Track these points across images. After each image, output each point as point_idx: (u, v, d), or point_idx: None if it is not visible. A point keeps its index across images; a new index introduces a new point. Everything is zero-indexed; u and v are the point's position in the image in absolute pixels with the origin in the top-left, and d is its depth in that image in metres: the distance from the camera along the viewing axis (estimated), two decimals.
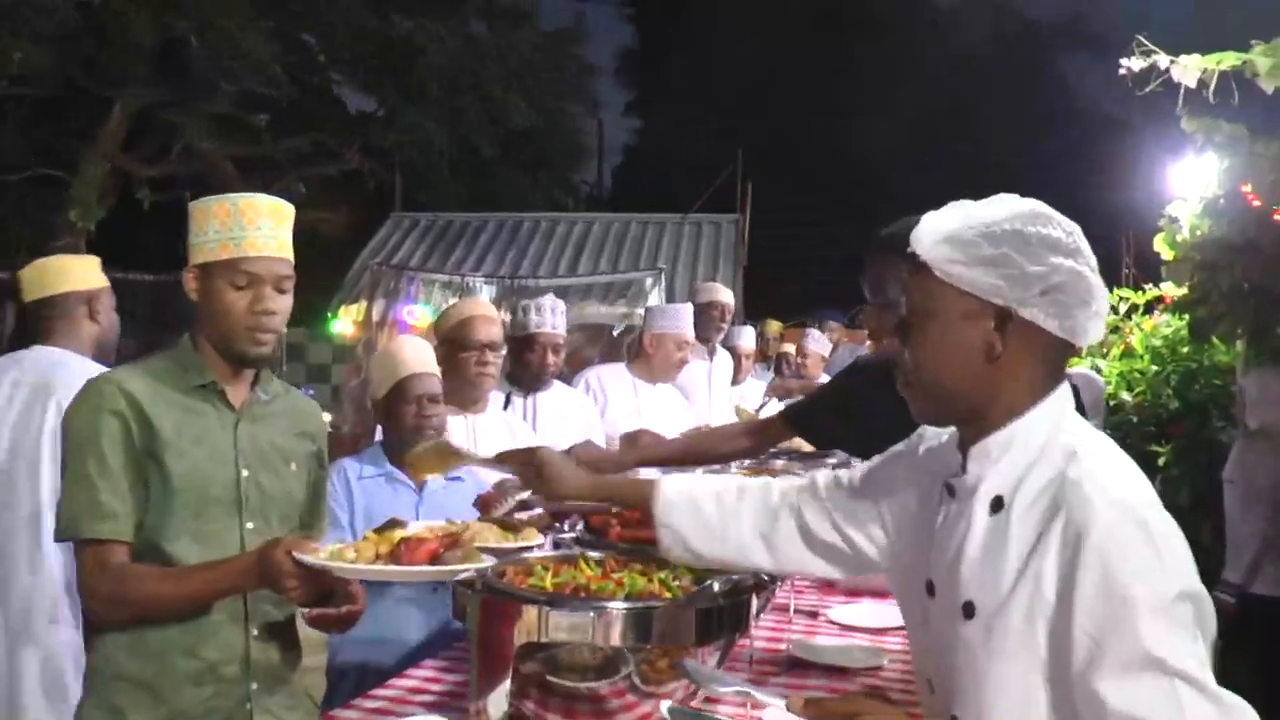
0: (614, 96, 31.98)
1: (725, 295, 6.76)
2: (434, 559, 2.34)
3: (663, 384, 5.60)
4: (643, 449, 4.06)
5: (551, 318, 4.72)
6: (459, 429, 4.08)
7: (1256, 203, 5.10)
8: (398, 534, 2.41)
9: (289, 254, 2.59)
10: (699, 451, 4.08)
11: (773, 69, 27.80)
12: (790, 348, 8.99)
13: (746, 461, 5.21)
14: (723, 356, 6.85)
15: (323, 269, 16.34)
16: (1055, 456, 1.70)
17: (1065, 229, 1.75)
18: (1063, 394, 1.79)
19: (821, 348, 8.41)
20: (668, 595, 2.35)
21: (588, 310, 13.78)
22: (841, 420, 3.37)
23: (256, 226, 2.51)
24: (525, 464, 2.60)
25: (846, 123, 25.88)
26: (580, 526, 3.19)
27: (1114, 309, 7.61)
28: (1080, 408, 1.91)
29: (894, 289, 2.81)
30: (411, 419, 3.56)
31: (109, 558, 2.44)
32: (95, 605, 2.51)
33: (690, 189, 17.36)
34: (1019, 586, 1.65)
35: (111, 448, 2.45)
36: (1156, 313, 7.29)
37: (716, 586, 2.35)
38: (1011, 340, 1.72)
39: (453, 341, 4.18)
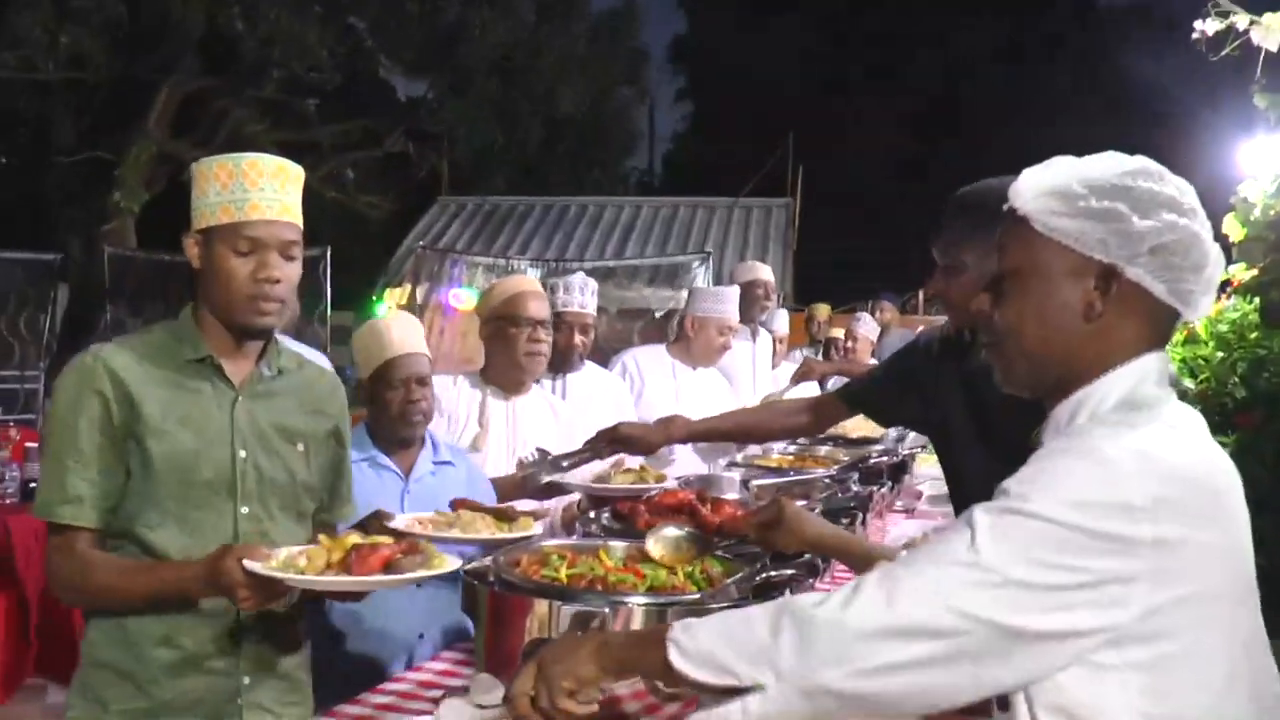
0: (666, 83, 31.64)
1: (766, 274, 6.55)
2: (388, 566, 2.16)
3: (703, 368, 5.37)
4: (695, 423, 3.76)
5: (580, 296, 4.47)
6: (499, 414, 3.88)
7: None
8: (350, 539, 2.22)
9: (296, 218, 2.42)
10: (753, 426, 3.88)
11: (825, 54, 27.49)
12: (839, 332, 8.80)
13: (791, 446, 5.06)
14: (765, 338, 6.67)
15: (369, 253, 16.37)
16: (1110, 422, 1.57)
17: (1178, 186, 1.63)
18: (1152, 362, 1.63)
19: (870, 332, 8.23)
20: (692, 589, 2.17)
21: (630, 294, 13.63)
22: (902, 395, 3.13)
23: (260, 188, 2.34)
24: (767, 515, 2.36)
25: (900, 107, 25.52)
26: (606, 514, 3.02)
27: None
28: None
29: (967, 253, 2.66)
30: (398, 404, 3.28)
31: (73, 543, 2.32)
32: (56, 589, 2.45)
33: (741, 174, 17.10)
34: None
35: (88, 428, 2.32)
36: (1223, 296, 6.96)
37: (740, 579, 2.17)
38: (1113, 301, 1.60)
39: (501, 318, 3.89)
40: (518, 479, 3.62)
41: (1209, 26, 4.82)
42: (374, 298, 15.00)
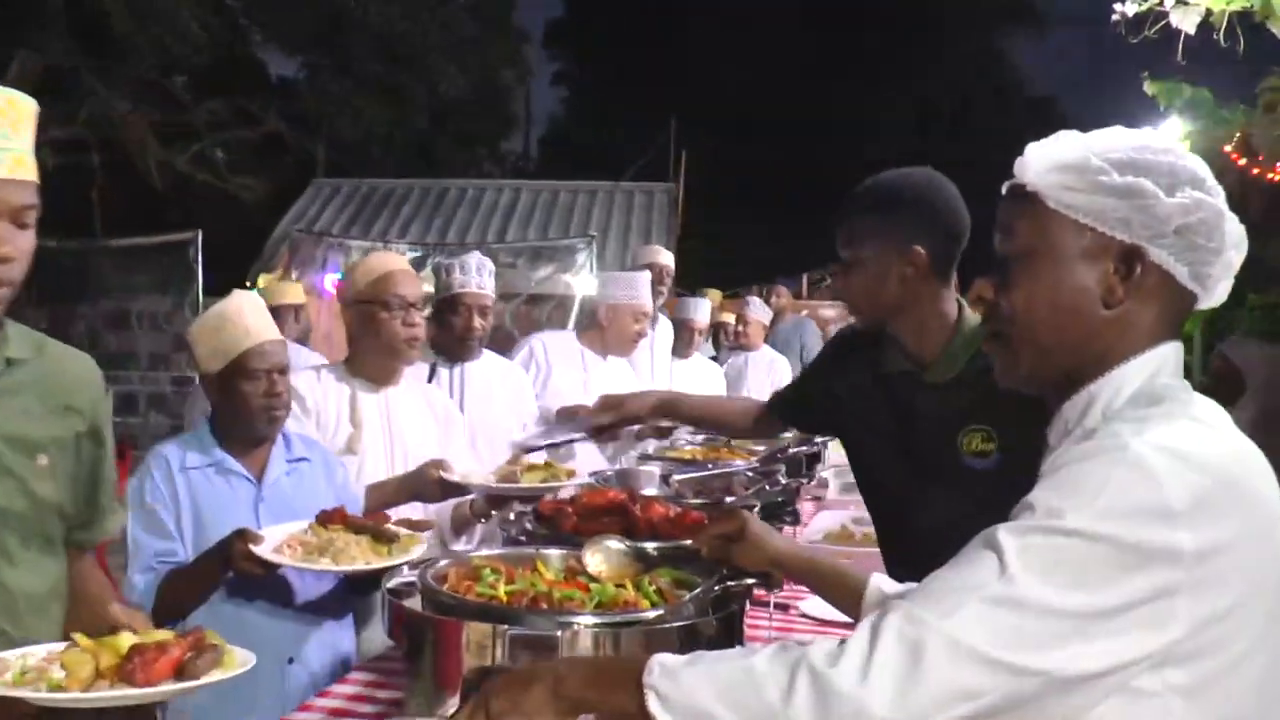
0: (541, 67, 31.25)
1: (665, 258, 6.35)
2: (180, 669, 1.77)
3: (615, 358, 5.17)
4: (662, 400, 3.43)
5: (478, 276, 4.17)
6: (371, 408, 3.50)
7: (1242, 161, 4.80)
8: (123, 639, 1.79)
9: (31, 172, 1.84)
10: (716, 418, 3.56)
11: (707, 35, 27.34)
12: (730, 317, 8.69)
13: (698, 437, 4.89)
14: (664, 325, 6.47)
15: (243, 238, 15.80)
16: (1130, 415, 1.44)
17: (1195, 160, 1.53)
18: (1169, 351, 1.53)
19: (762, 315, 8.12)
20: (645, 605, 1.97)
21: (513, 275, 13.34)
22: (822, 403, 2.95)
23: None
24: (724, 527, 2.12)
25: (784, 91, 25.51)
26: (530, 512, 2.81)
27: None
28: None
29: (870, 248, 2.54)
30: (260, 397, 2.90)
31: None
32: None
33: (621, 159, 16.90)
34: None
35: None
36: None
37: (700, 593, 1.98)
38: (1134, 285, 1.49)
39: (369, 301, 3.45)
40: (400, 482, 3.35)
41: (1129, 8, 4.77)
42: (247, 284, 14.50)
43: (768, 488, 3.39)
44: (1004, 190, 1.59)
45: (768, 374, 7.58)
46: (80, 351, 2.20)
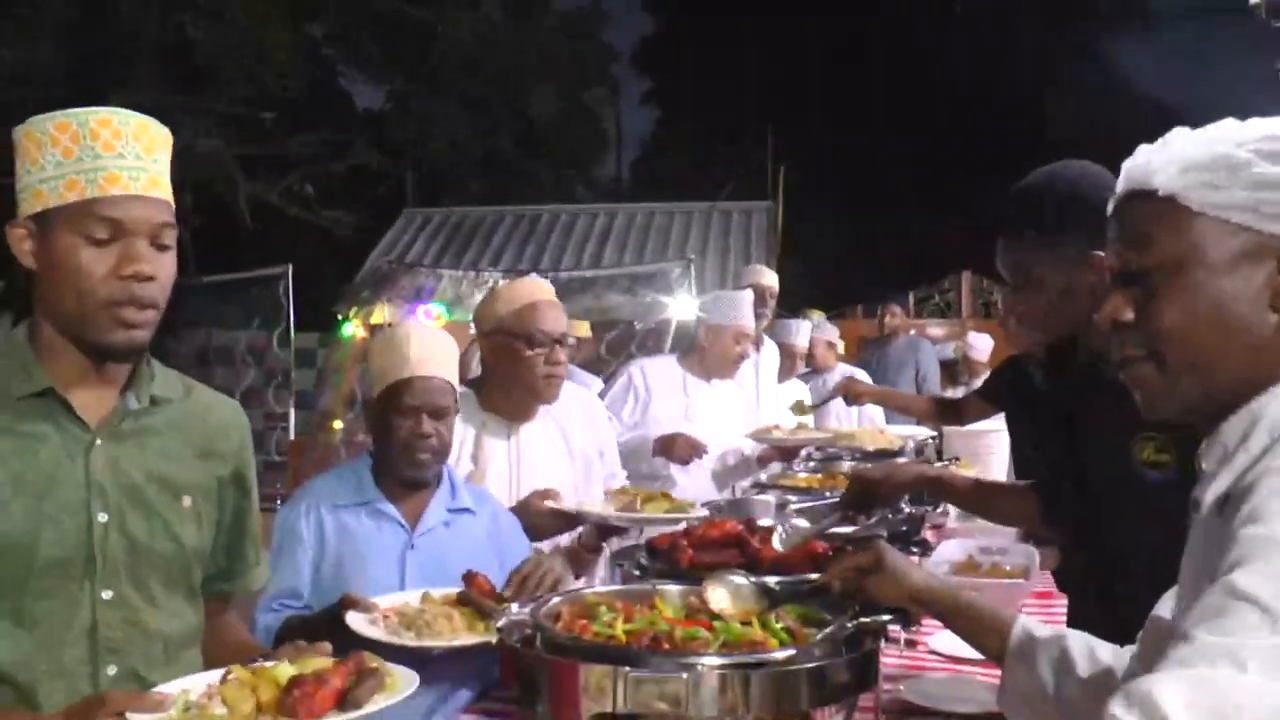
0: (631, 87, 31.22)
1: (769, 278, 6.17)
2: (343, 700, 1.71)
3: (718, 380, 5.02)
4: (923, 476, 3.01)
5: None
6: (498, 449, 3.29)
7: None
8: (282, 670, 1.75)
9: (168, 193, 1.87)
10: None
11: (801, 45, 26.95)
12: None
13: (813, 463, 4.76)
14: (769, 348, 6.30)
15: (335, 270, 15.95)
16: None
17: None
18: None
19: (829, 335, 7.83)
20: (774, 644, 1.83)
21: (608, 302, 13.26)
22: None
23: (118, 154, 1.79)
24: (859, 560, 1.97)
25: (888, 100, 25.05)
26: (642, 549, 2.68)
27: None
28: None
29: (1045, 264, 2.33)
30: (404, 435, 2.72)
31: None
32: None
33: (716, 178, 16.78)
34: None
35: None
36: None
37: (834, 631, 1.83)
38: None
39: (510, 334, 3.26)
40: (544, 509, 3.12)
41: None
42: (340, 317, 14.60)
43: (890, 515, 3.20)
44: (1121, 198, 1.45)
45: None
46: (226, 397, 2.18)
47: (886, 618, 1.88)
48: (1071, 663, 1.72)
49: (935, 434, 6.33)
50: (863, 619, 1.87)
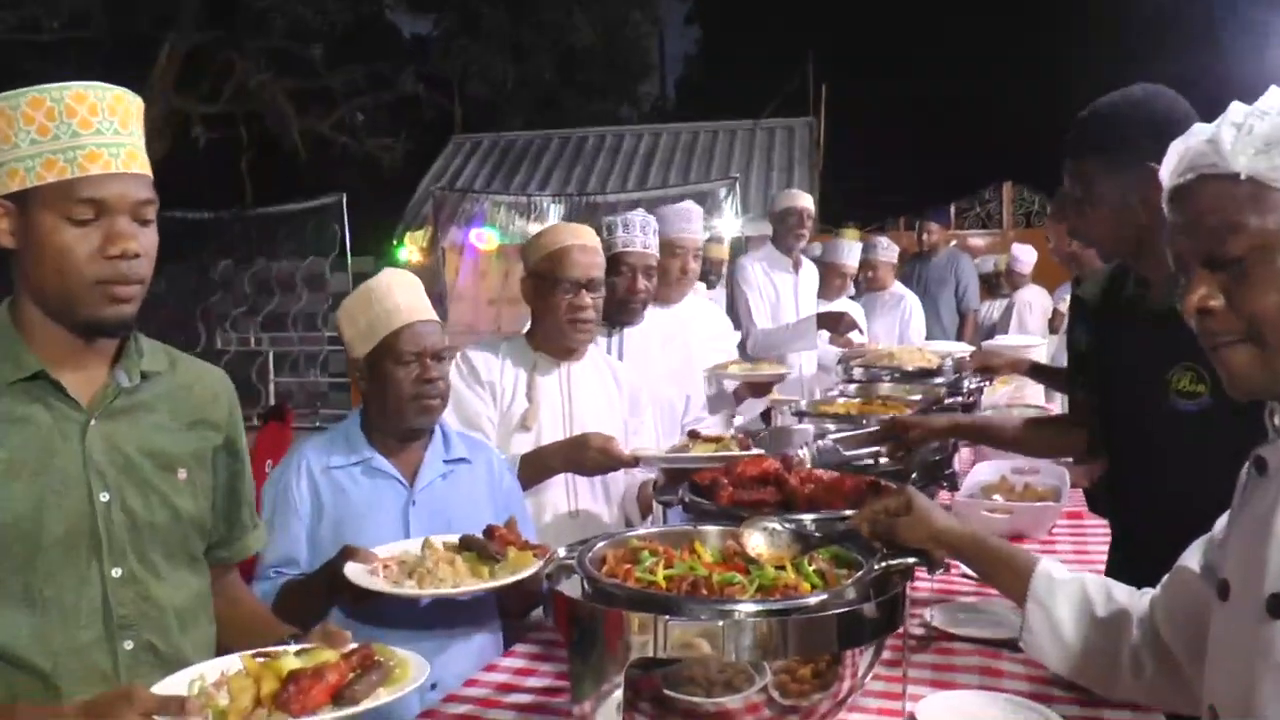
0: (673, 9, 30.84)
1: (804, 200, 6.28)
2: (337, 696, 1.70)
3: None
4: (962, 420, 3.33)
5: (643, 235, 3.91)
6: (550, 383, 3.35)
7: None
8: (287, 662, 1.75)
9: (147, 167, 1.85)
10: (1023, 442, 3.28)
11: None
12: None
13: (852, 387, 4.82)
14: (808, 268, 6.38)
15: (385, 197, 16.08)
16: None
17: None
18: None
19: (889, 255, 7.76)
20: (805, 588, 1.93)
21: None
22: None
23: (95, 130, 1.77)
24: (887, 502, 2.04)
25: (926, 18, 24.60)
26: (685, 485, 2.78)
27: None
28: None
29: (1102, 178, 2.40)
30: (410, 384, 2.64)
31: None
32: None
33: (759, 95, 16.65)
34: None
35: None
36: None
37: (863, 575, 1.93)
38: None
39: (542, 277, 3.32)
40: (558, 450, 3.19)
41: None
42: (395, 242, 14.79)
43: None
44: (1191, 181, 1.44)
45: (896, 311, 7.42)
46: (211, 365, 2.17)
47: (912, 560, 1.97)
48: (1090, 604, 1.79)
49: (972, 352, 6.39)
50: (891, 562, 1.97)
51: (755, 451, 3.09)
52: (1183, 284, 1.48)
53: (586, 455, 3.14)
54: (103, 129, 1.78)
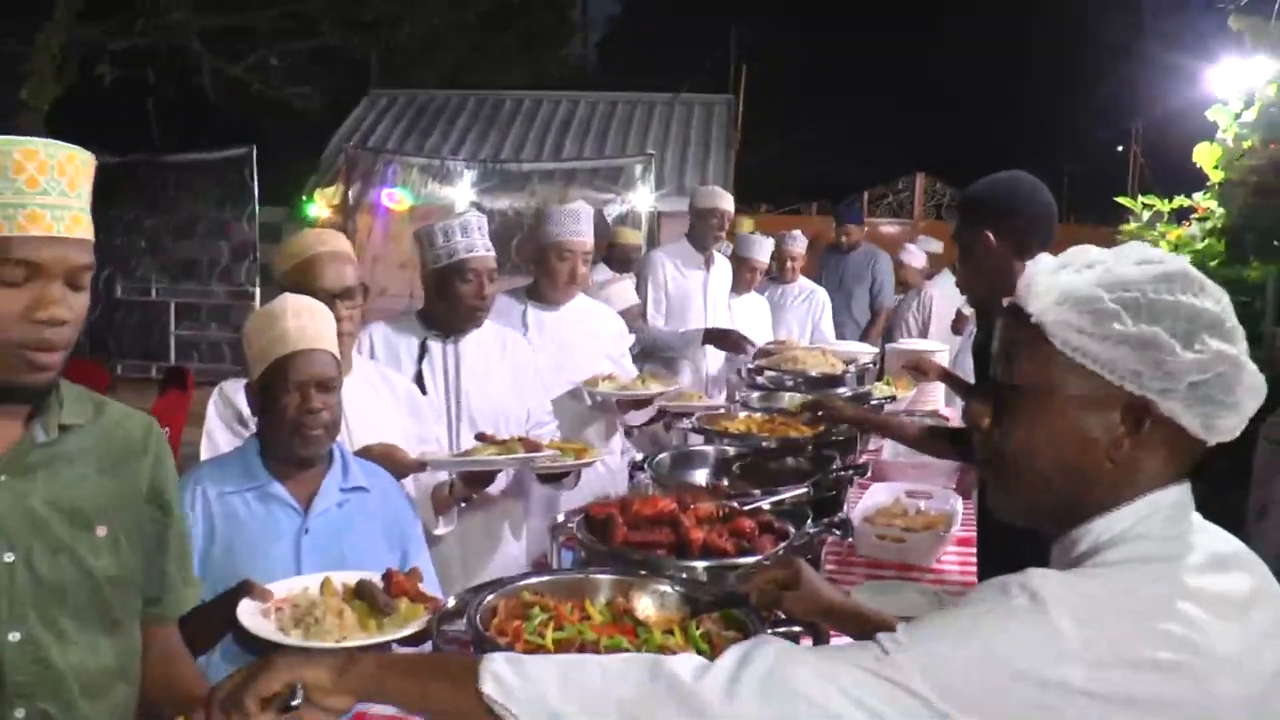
0: None
1: (727, 203, 6.29)
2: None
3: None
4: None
5: (482, 239, 3.72)
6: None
7: None
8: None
9: (88, 231, 1.76)
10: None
11: None
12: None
13: (755, 396, 4.90)
14: (722, 265, 6.43)
15: (299, 147, 15.81)
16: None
17: (1216, 298, 1.40)
18: (1171, 496, 1.42)
19: (801, 249, 7.77)
20: (694, 653, 1.97)
21: (570, 196, 13.28)
22: None
23: (41, 189, 1.69)
24: (777, 574, 2.08)
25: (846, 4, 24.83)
26: (579, 519, 2.80)
27: (1135, 216, 7.19)
28: None
29: (982, 257, 3.07)
30: (293, 411, 2.57)
31: None
32: None
33: (680, 68, 16.67)
34: None
35: None
36: (1185, 224, 6.83)
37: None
38: (1141, 437, 1.39)
39: (292, 290, 3.01)
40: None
41: None
42: (304, 197, 14.58)
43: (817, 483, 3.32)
44: (1007, 307, 1.48)
45: (806, 306, 7.50)
46: (139, 411, 2.07)
47: (798, 629, 2.02)
48: None
49: (877, 355, 6.53)
50: (778, 630, 2.01)
51: (548, 453, 3.22)
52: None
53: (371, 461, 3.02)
54: (49, 189, 1.70)
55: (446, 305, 3.73)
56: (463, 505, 3.38)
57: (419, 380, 3.66)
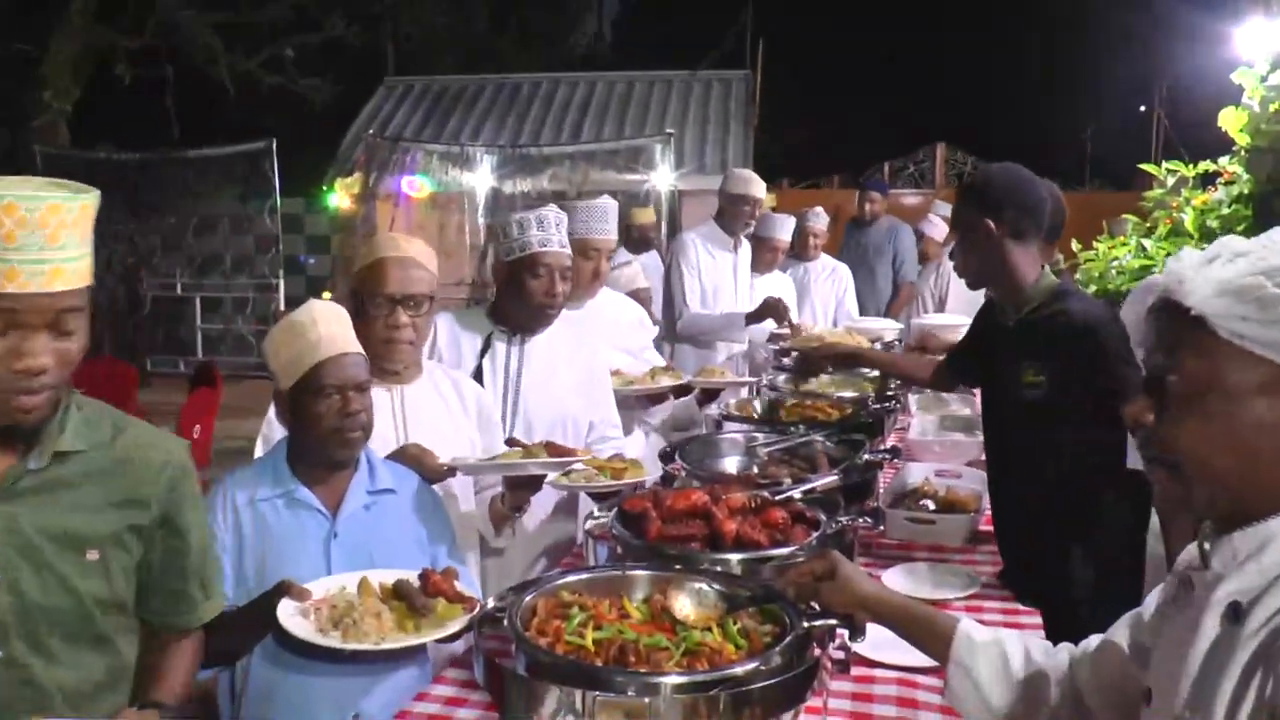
0: None
1: (759, 189, 6.21)
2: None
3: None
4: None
5: (558, 234, 3.61)
6: (382, 406, 3.01)
7: None
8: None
9: (72, 281, 1.75)
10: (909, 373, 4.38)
11: None
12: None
13: (786, 381, 4.90)
14: (746, 247, 6.41)
15: (315, 138, 15.86)
16: None
17: None
18: None
19: (823, 225, 7.72)
20: (730, 651, 1.98)
21: (590, 178, 13.25)
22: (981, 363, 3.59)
23: (17, 246, 1.68)
24: (814, 567, 2.09)
25: None
26: (614, 513, 2.80)
27: (1159, 182, 7.11)
28: None
29: (980, 242, 3.23)
30: (332, 417, 2.58)
31: None
32: None
33: (696, 45, 16.60)
34: (1236, 717, 1.30)
35: None
36: (1212, 189, 6.75)
37: (788, 644, 1.98)
38: None
39: (356, 294, 3.08)
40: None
41: None
42: (324, 187, 14.64)
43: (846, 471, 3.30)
44: (1158, 302, 1.46)
45: (830, 284, 7.47)
46: (170, 438, 2.10)
47: (833, 622, 2.03)
48: (1008, 665, 1.85)
49: (901, 330, 6.54)
50: (814, 623, 2.02)
51: (577, 459, 3.02)
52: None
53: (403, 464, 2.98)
54: (26, 245, 1.69)
55: (516, 301, 3.59)
56: (517, 516, 3.23)
57: (478, 375, 3.57)
